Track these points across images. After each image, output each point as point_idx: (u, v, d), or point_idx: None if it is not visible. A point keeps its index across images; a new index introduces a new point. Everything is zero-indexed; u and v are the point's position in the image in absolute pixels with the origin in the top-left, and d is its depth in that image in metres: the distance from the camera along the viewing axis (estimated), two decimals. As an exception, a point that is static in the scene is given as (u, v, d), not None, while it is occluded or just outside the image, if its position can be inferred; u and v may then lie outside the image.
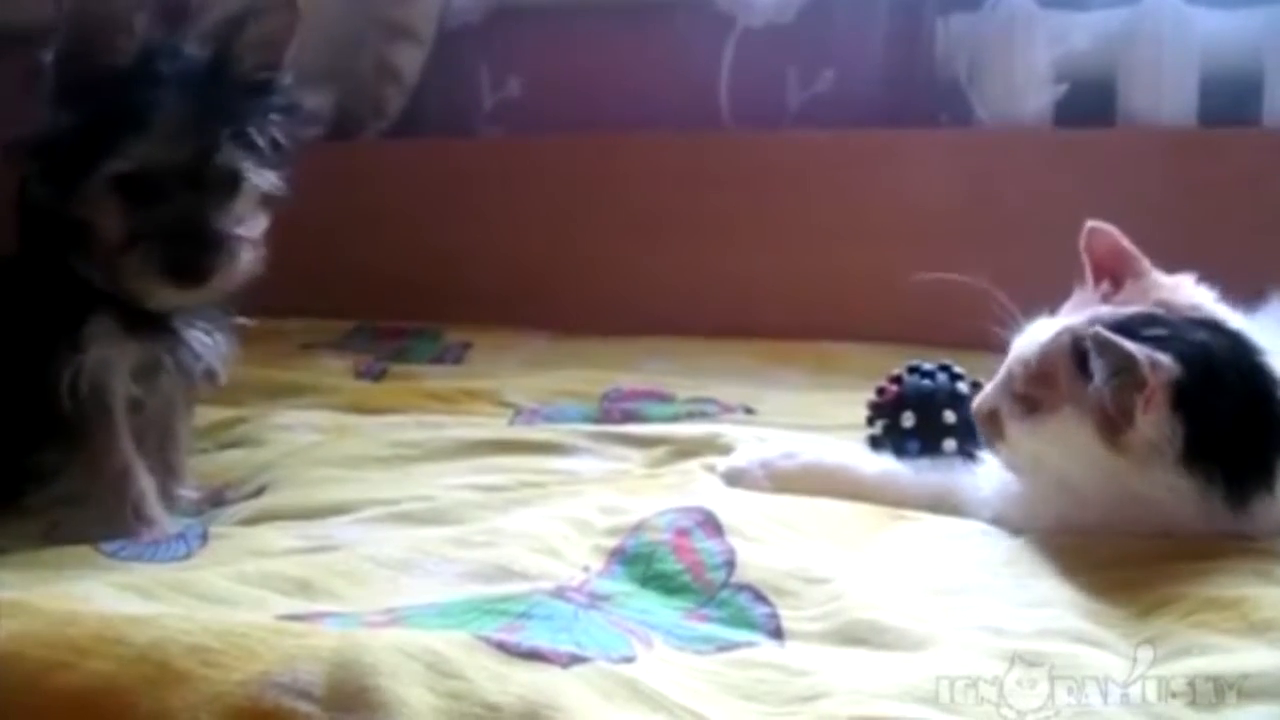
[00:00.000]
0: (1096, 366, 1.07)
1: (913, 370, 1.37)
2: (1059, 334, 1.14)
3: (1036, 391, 1.14)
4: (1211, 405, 1.06)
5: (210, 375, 1.29)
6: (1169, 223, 1.85)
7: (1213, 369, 1.07)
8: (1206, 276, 1.22)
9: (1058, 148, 2.02)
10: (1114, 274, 1.20)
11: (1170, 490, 1.07)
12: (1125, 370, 1.05)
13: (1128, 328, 1.09)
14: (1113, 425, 1.07)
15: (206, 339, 1.26)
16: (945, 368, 1.36)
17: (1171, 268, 1.20)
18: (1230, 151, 1.94)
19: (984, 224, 1.98)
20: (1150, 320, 1.12)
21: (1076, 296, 1.21)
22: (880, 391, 1.38)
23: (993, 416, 1.19)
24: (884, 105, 2.09)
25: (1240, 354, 1.10)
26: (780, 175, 2.09)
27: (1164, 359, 1.05)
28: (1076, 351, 1.11)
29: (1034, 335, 1.17)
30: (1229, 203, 1.89)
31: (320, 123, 2.38)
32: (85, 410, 1.17)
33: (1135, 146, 1.97)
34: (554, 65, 2.26)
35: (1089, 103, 1.99)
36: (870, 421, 1.38)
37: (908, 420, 1.33)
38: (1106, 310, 1.15)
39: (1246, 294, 1.27)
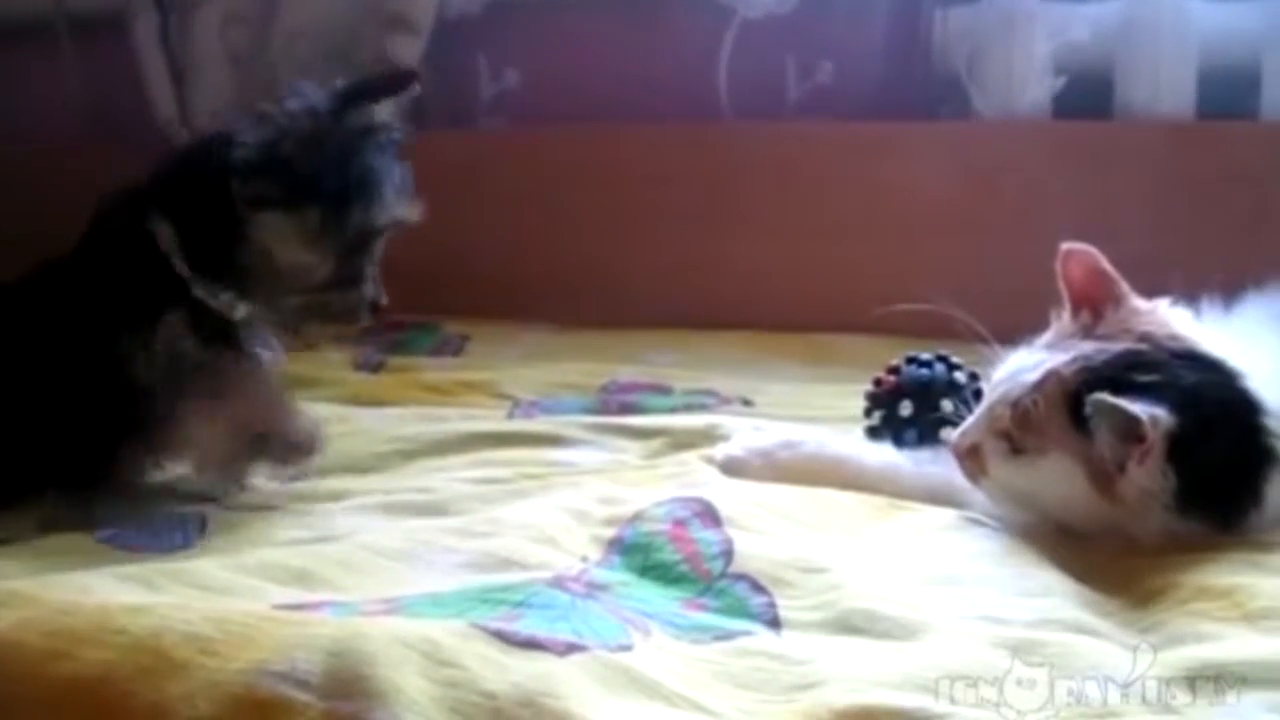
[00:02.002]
0: (1097, 427, 1.06)
1: (910, 360, 1.38)
2: (1046, 378, 1.12)
3: (1022, 434, 1.13)
4: (1203, 451, 1.06)
5: None
6: (1166, 215, 1.87)
7: (1203, 414, 1.06)
8: (1202, 269, 1.22)
9: (1056, 140, 2.01)
10: (1093, 302, 1.19)
11: (1162, 527, 1.07)
12: (1125, 428, 1.05)
13: (1120, 375, 1.09)
14: (1105, 473, 1.07)
15: (263, 345, 1.30)
16: (943, 358, 1.37)
17: (1167, 261, 1.20)
18: (1227, 145, 1.94)
19: (982, 216, 1.99)
20: (1139, 362, 1.10)
21: (1056, 327, 1.20)
22: (878, 382, 1.39)
23: (974, 452, 1.17)
24: (883, 97, 2.09)
25: (1225, 387, 1.10)
26: (779, 167, 2.09)
27: (1162, 414, 1.04)
28: (1067, 401, 1.10)
29: (1016, 371, 1.16)
30: (1226, 196, 1.89)
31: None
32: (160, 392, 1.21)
33: (1133, 139, 1.97)
34: (552, 57, 2.26)
35: (1087, 95, 1.99)
36: (868, 412, 1.38)
37: (905, 410, 1.34)
38: (1091, 348, 1.14)
39: (1241, 287, 1.28)
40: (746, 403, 1.66)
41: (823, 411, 1.59)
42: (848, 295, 1.99)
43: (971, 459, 1.18)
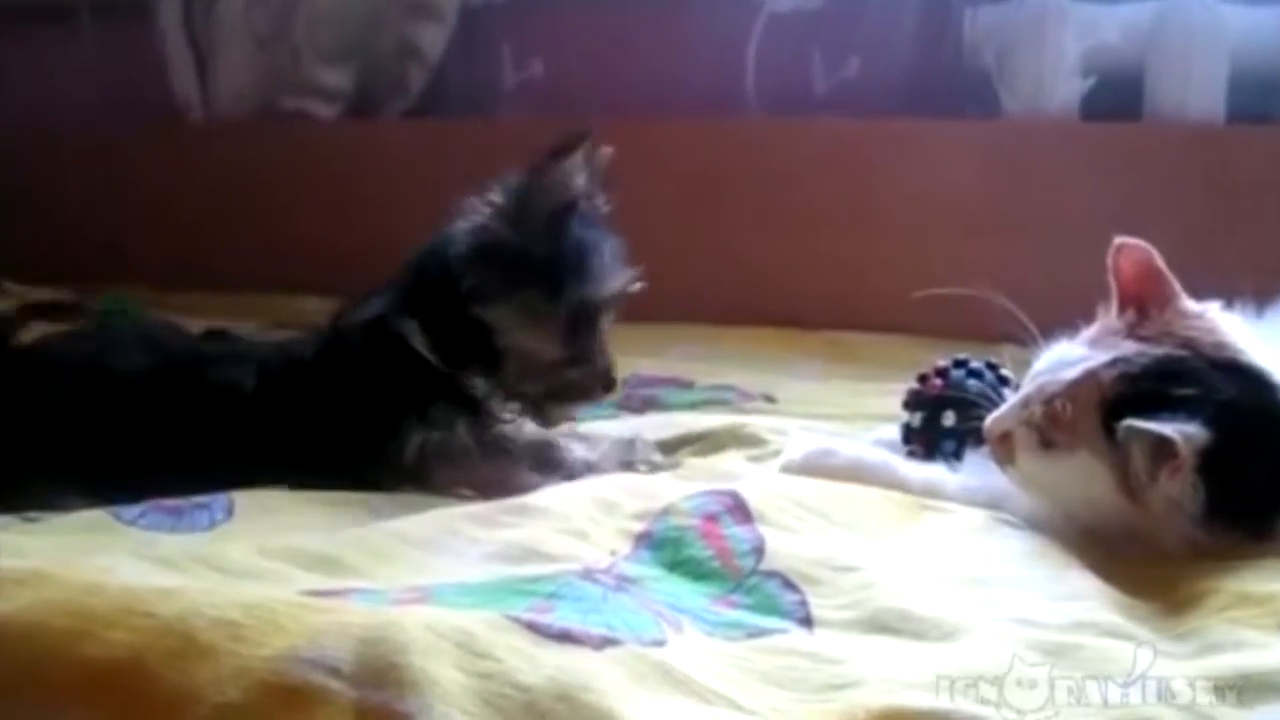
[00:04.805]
0: (1129, 446, 1.05)
1: (959, 364, 1.34)
2: (1083, 378, 1.11)
3: (1053, 430, 1.12)
4: (1235, 467, 1.04)
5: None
6: (1194, 218, 1.85)
7: (1238, 429, 1.04)
8: (1232, 273, 1.20)
9: (1084, 141, 2.01)
10: (1140, 300, 1.16)
11: (1185, 535, 1.06)
12: (1157, 447, 1.03)
13: (1156, 387, 1.07)
14: (1134, 479, 1.06)
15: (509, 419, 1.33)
16: (993, 366, 1.32)
17: (1196, 264, 1.17)
18: (1257, 148, 1.93)
19: (1008, 215, 1.98)
20: (1178, 371, 1.08)
21: (1102, 321, 1.18)
22: (922, 379, 1.35)
23: (1005, 439, 1.16)
24: (910, 94, 2.09)
25: (1265, 401, 1.08)
26: (804, 162, 2.08)
27: (1194, 430, 1.02)
28: (1101, 407, 1.08)
29: (1056, 365, 1.14)
30: (1255, 199, 1.89)
31: (341, 101, 2.38)
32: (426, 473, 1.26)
33: (1162, 141, 1.96)
34: (577, 47, 2.25)
35: (1116, 96, 1.99)
36: (907, 406, 1.35)
37: (948, 420, 1.30)
38: (1133, 350, 1.12)
39: (1272, 291, 1.26)
40: (768, 399, 1.65)
41: (844, 410, 1.58)
42: (870, 293, 1.99)
43: (1002, 445, 1.16)
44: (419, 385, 1.27)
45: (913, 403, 1.35)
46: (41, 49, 2.54)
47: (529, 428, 1.34)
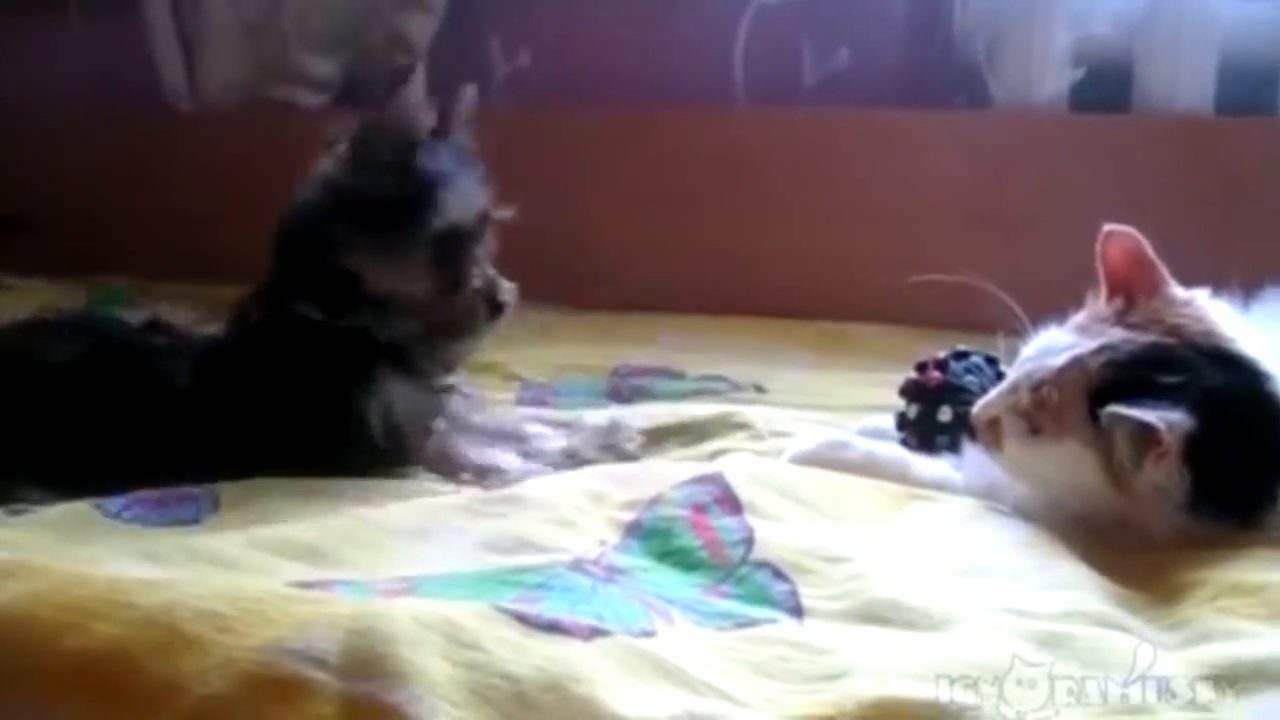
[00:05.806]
0: (1113, 433, 1.05)
1: (959, 356, 1.33)
2: (1070, 366, 1.11)
3: (1042, 416, 1.12)
4: (1221, 455, 1.04)
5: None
6: (1183, 209, 1.85)
7: (1224, 417, 1.04)
8: (1220, 264, 1.20)
9: (1073, 132, 2.01)
10: (1129, 288, 1.16)
11: (1172, 523, 1.06)
12: (1141, 434, 1.03)
13: (1142, 374, 1.07)
14: (1119, 466, 1.06)
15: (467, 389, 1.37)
16: (992, 361, 1.31)
17: (1185, 255, 1.17)
18: (1246, 139, 1.93)
19: (997, 206, 1.97)
20: (1164, 359, 1.08)
21: (1090, 308, 1.18)
22: (921, 368, 1.34)
23: (993, 425, 1.16)
24: (900, 85, 2.08)
25: (1251, 389, 1.08)
26: (793, 153, 2.08)
27: (1178, 418, 1.02)
28: (1087, 394, 1.08)
29: (1043, 351, 1.14)
30: (1244, 190, 1.88)
31: (329, 90, 2.37)
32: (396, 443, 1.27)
33: (1151, 132, 1.96)
34: (566, 37, 2.25)
35: (1106, 87, 1.98)
36: (905, 395, 1.33)
37: (944, 415, 1.29)
38: (1120, 337, 1.11)
39: (1259, 282, 1.26)
40: (759, 389, 1.65)
41: (836, 400, 1.58)
42: (860, 283, 1.98)
43: (990, 431, 1.16)
44: (354, 358, 1.27)
45: (911, 392, 1.33)
46: (30, 38, 2.53)
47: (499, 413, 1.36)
